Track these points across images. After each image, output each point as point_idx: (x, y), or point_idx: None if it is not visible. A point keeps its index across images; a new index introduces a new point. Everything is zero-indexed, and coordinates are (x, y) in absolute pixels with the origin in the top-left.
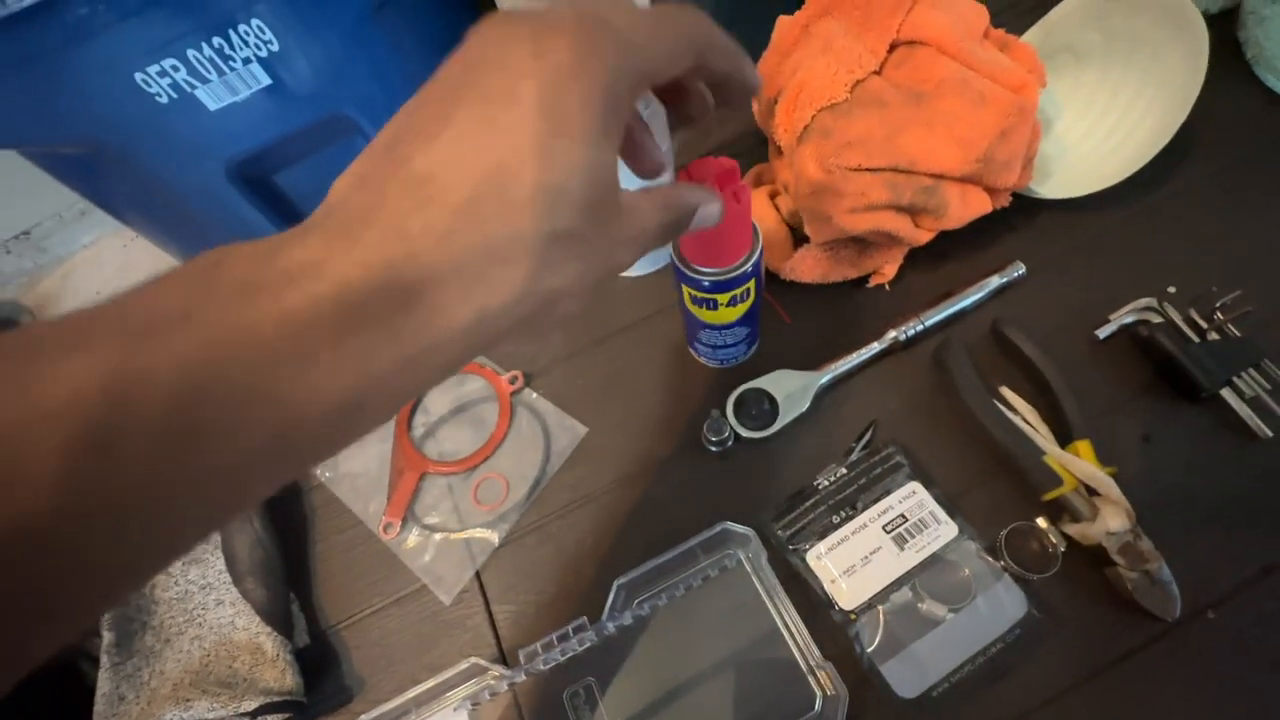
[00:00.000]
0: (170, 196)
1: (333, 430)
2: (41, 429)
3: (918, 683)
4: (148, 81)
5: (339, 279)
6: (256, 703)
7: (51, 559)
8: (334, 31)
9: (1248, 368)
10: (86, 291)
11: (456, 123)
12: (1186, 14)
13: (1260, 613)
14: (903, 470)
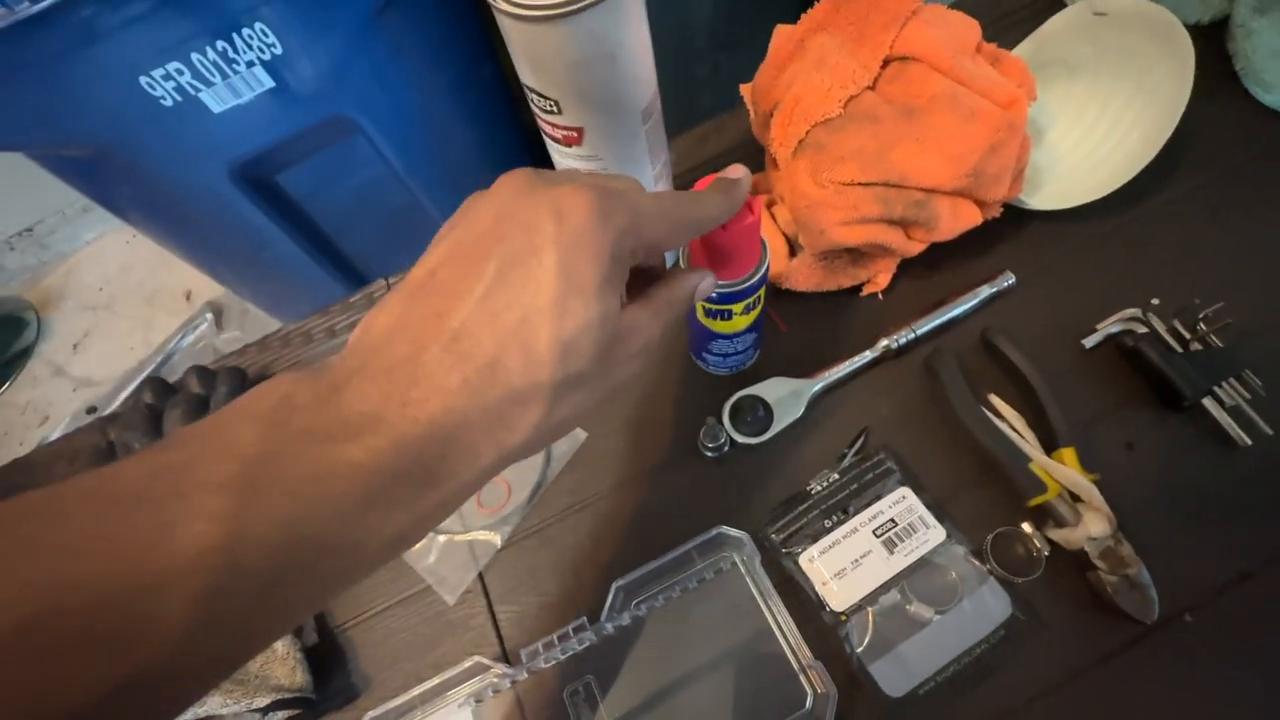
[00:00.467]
0: (174, 198)
1: (381, 560)
2: (174, 585)
3: (905, 682)
4: (152, 85)
5: (396, 435)
6: (268, 699)
7: (164, 694)
8: (336, 35)
9: (1229, 378)
10: (89, 287)
11: (486, 281)
12: (1174, 30)
13: (1236, 617)
14: (893, 476)
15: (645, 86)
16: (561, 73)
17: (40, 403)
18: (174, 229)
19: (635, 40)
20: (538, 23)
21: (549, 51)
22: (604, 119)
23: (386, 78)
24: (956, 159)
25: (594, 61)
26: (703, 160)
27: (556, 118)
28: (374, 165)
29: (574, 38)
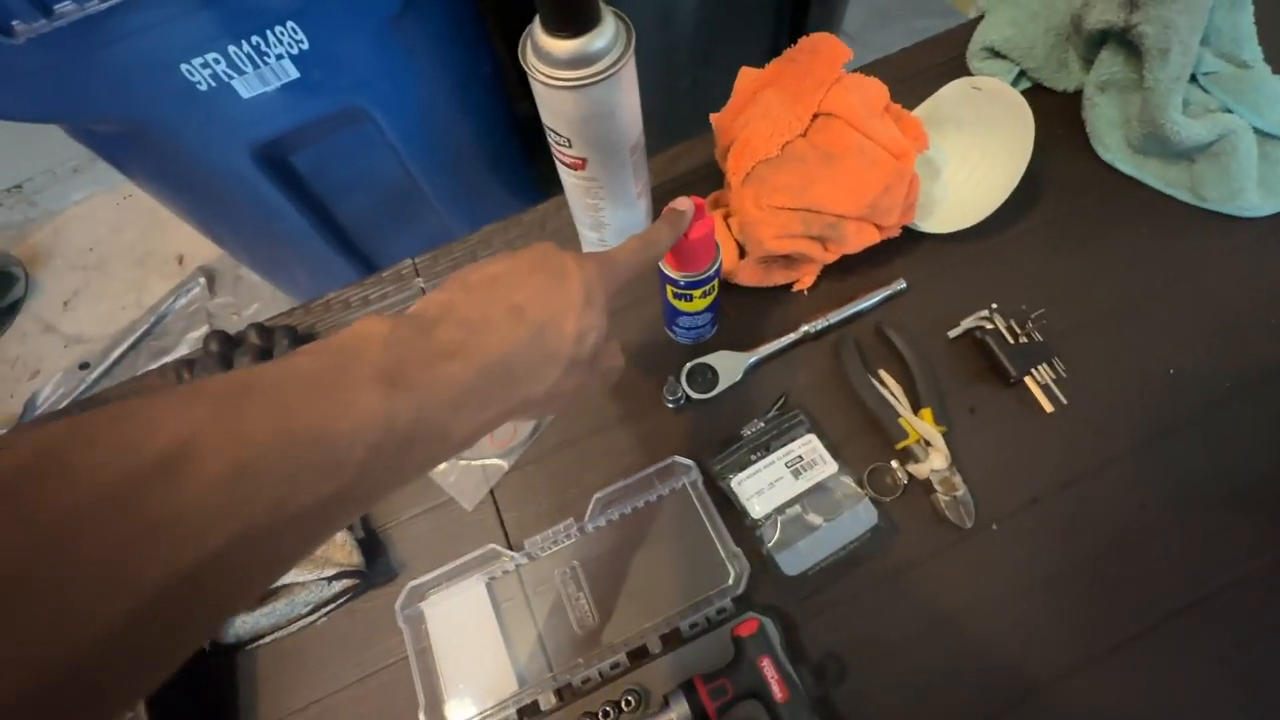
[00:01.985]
0: (199, 173)
1: (456, 450)
2: (358, 437)
3: (799, 565)
4: (191, 72)
5: (478, 361)
6: (334, 570)
7: (335, 517)
8: (357, 35)
9: (1042, 363)
10: (79, 246)
11: (535, 285)
12: (1021, 107)
13: (1025, 528)
14: (803, 426)
15: (633, 131)
16: (573, 121)
17: (30, 357)
18: (194, 200)
19: (627, 103)
20: (559, 89)
21: (566, 108)
22: (601, 153)
23: (398, 74)
24: (859, 195)
25: (596, 117)
26: (676, 175)
27: (568, 150)
28: (380, 151)
29: (583, 101)
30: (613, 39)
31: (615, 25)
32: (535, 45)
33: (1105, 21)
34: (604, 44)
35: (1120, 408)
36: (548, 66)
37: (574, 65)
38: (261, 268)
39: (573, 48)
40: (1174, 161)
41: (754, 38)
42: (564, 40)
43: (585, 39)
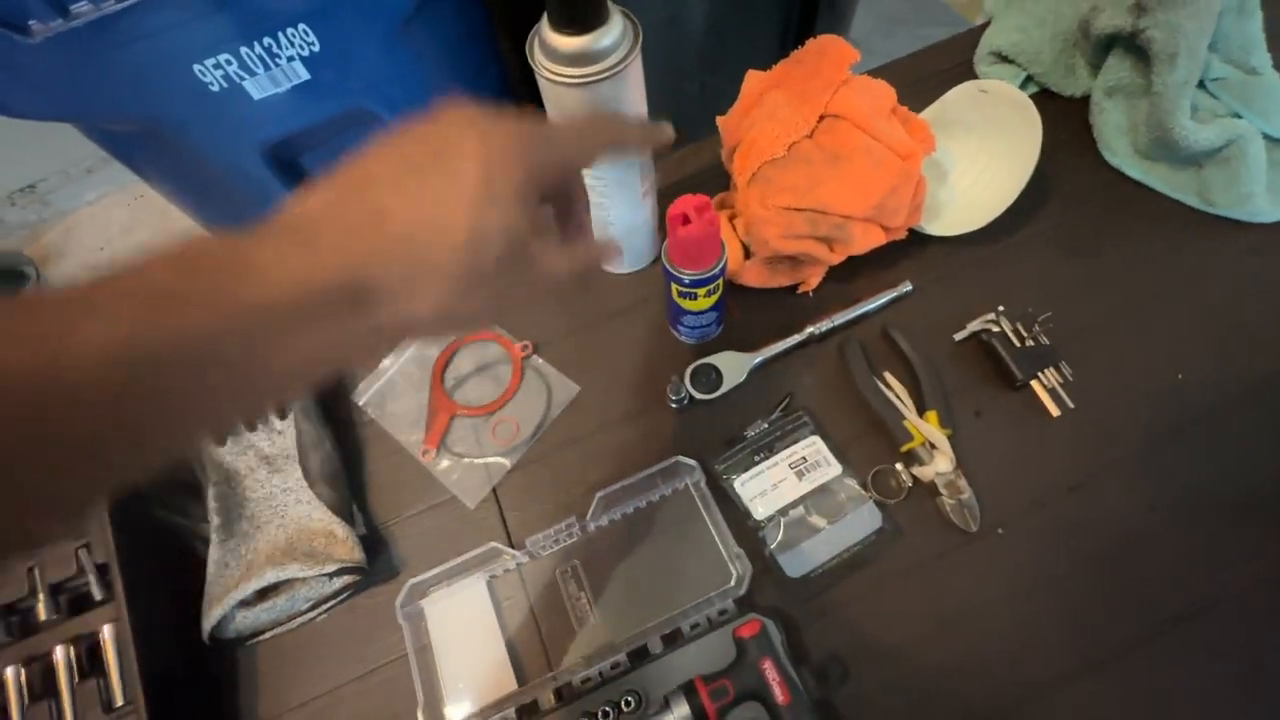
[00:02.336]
0: (210, 173)
1: (296, 376)
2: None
3: (802, 567)
4: (204, 72)
5: (296, 280)
6: (335, 566)
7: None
8: (368, 39)
9: (1049, 367)
10: (90, 246)
11: (419, 181)
12: (1029, 109)
13: (1030, 531)
14: (807, 427)
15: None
16: None
17: None
18: (204, 198)
19: (633, 100)
20: (566, 86)
21: (573, 104)
22: None
23: (407, 76)
24: (866, 196)
25: (619, 107)
26: (684, 177)
27: None
28: None
29: (590, 98)
30: (620, 36)
31: (623, 23)
32: (543, 42)
33: (1113, 26)
34: (611, 41)
35: (1127, 412)
36: (555, 63)
37: (581, 62)
38: None
39: (580, 44)
40: (1182, 167)
41: (762, 44)
42: (572, 37)
43: (593, 36)
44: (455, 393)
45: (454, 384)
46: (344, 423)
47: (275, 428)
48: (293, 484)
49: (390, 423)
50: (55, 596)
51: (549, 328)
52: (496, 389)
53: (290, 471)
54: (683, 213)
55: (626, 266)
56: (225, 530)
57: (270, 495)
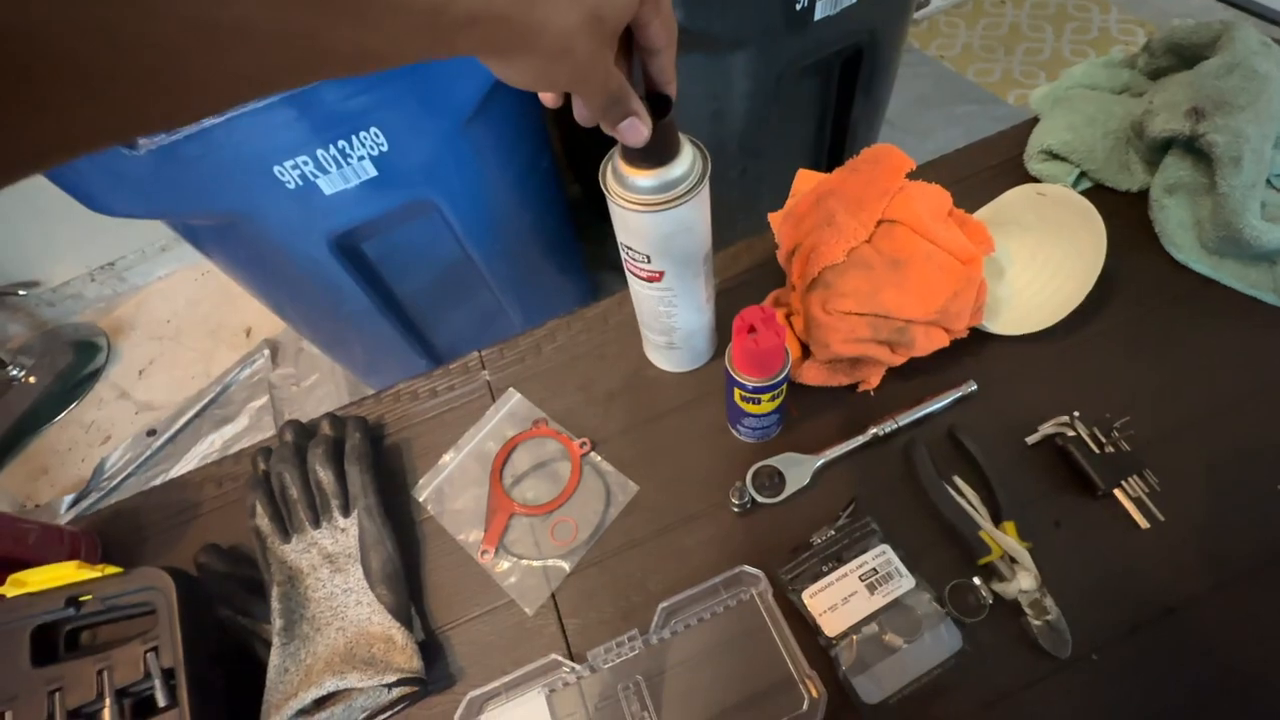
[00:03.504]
0: (281, 261)
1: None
2: None
3: (879, 693)
4: (282, 172)
5: None
6: (394, 677)
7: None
8: (432, 138)
9: (1132, 474)
10: (158, 318)
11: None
12: (1090, 213)
13: (1128, 657)
14: (876, 535)
15: (706, 244)
16: (654, 240)
17: (104, 423)
18: (270, 282)
19: (702, 219)
20: (643, 213)
21: (648, 228)
22: (678, 266)
23: (466, 170)
24: (928, 300)
25: (677, 234)
26: (738, 272)
27: (645, 265)
28: (444, 237)
29: (666, 222)
30: (690, 166)
31: (693, 153)
32: (616, 172)
33: (1170, 130)
34: (682, 172)
35: (1226, 526)
36: (629, 191)
37: (657, 191)
38: (323, 343)
39: (656, 175)
40: (1254, 263)
41: (800, 132)
42: (647, 170)
43: (667, 168)
44: (513, 490)
45: (512, 481)
46: (404, 520)
47: (339, 525)
48: (354, 584)
49: (449, 520)
50: (120, 701)
51: (607, 425)
52: (555, 487)
53: (352, 571)
54: (750, 324)
55: (687, 365)
56: (287, 633)
57: (331, 595)
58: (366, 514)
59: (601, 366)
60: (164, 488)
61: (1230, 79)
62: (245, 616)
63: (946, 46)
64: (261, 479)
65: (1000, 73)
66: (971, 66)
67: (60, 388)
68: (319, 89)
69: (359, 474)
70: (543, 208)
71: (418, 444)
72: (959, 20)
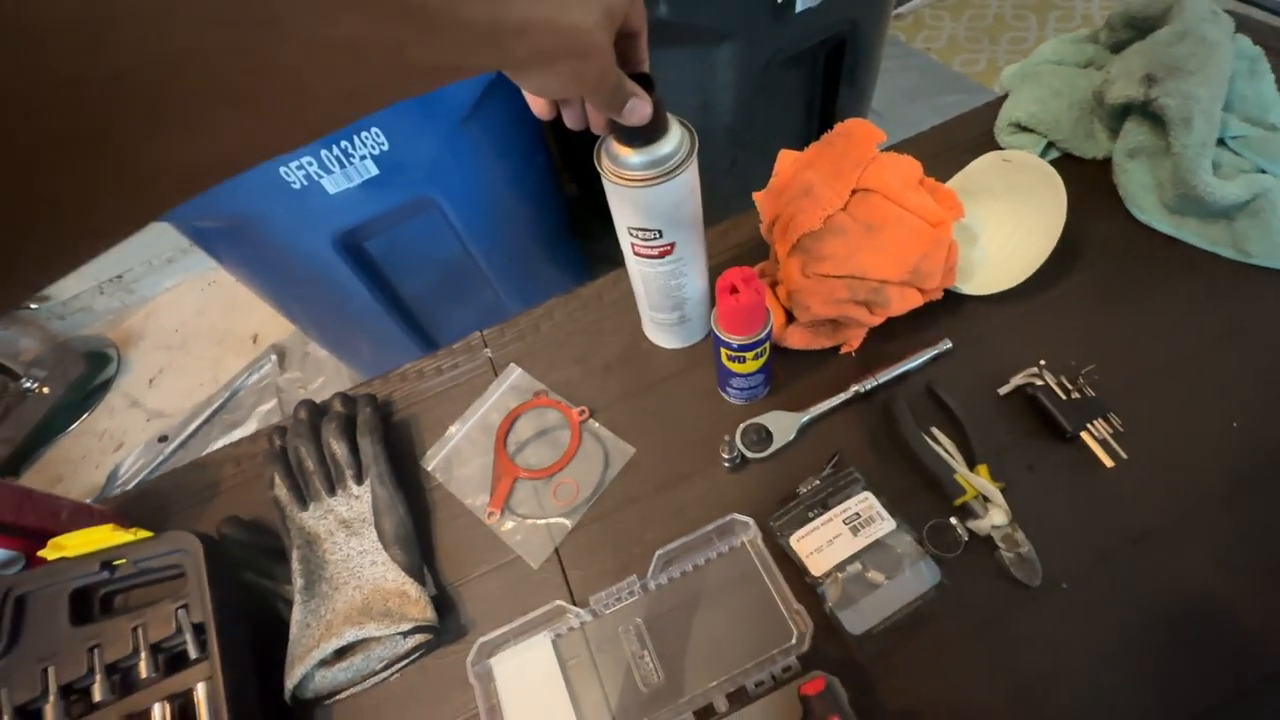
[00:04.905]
0: (285, 259)
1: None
2: None
3: (862, 624)
4: (288, 173)
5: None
6: (409, 625)
7: None
8: (431, 137)
9: (1097, 418)
10: (166, 328)
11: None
12: (1052, 176)
13: (1097, 584)
14: (859, 483)
15: (700, 207)
16: (664, 212)
17: (116, 430)
18: (277, 282)
19: (690, 194)
20: (654, 185)
21: (658, 201)
22: (687, 232)
23: (465, 168)
24: (900, 261)
25: (683, 200)
26: (727, 248)
27: (657, 241)
28: (444, 235)
29: (675, 190)
30: (678, 144)
31: (680, 131)
32: (609, 151)
33: (1126, 96)
34: (671, 149)
35: (1186, 462)
36: (621, 168)
37: (645, 168)
38: (329, 342)
39: (644, 154)
40: (1213, 220)
41: (788, 122)
42: (649, 146)
43: (655, 145)
44: (517, 457)
45: (516, 449)
46: (414, 488)
47: (353, 493)
48: (369, 547)
49: (457, 487)
50: (155, 655)
51: (604, 394)
52: (555, 453)
53: (366, 535)
54: (731, 283)
55: (681, 341)
56: (307, 592)
57: (348, 558)
58: (379, 481)
59: (598, 341)
60: (185, 469)
61: (1181, 46)
62: (267, 579)
63: (932, 38)
64: (279, 453)
65: (985, 63)
66: (957, 57)
67: (73, 398)
68: None
69: (370, 445)
70: (540, 203)
71: (425, 418)
72: (944, 13)
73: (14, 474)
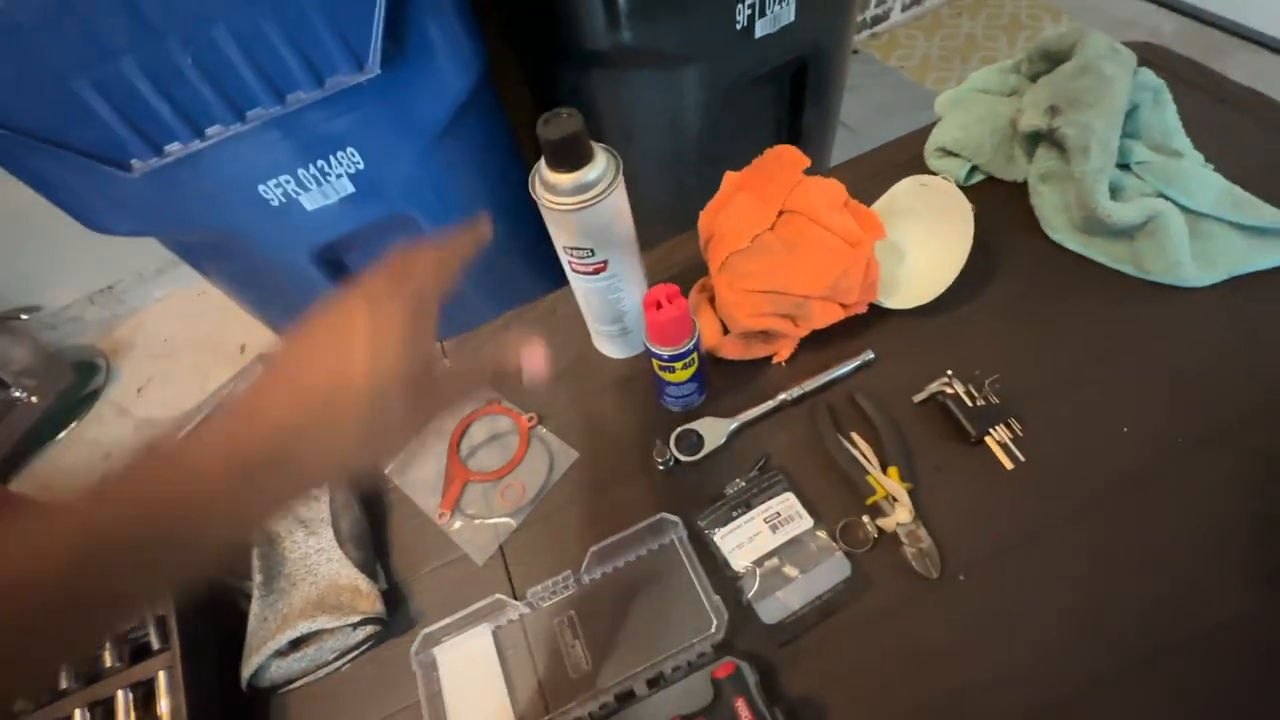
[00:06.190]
0: (266, 273)
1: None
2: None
3: (777, 614)
4: (266, 191)
5: (233, 449)
6: (358, 618)
7: None
8: (406, 155)
9: (999, 423)
10: (155, 338)
11: (321, 362)
12: (960, 199)
13: (992, 577)
14: (782, 485)
15: (632, 227)
16: (594, 232)
17: (105, 440)
18: (259, 295)
19: (619, 217)
20: (562, 213)
21: (587, 223)
22: (619, 251)
23: (439, 184)
24: (820, 278)
25: (613, 221)
26: (672, 264)
27: (590, 259)
28: None
29: (603, 212)
30: (603, 170)
31: (606, 158)
32: (542, 178)
33: (1033, 126)
34: (596, 175)
35: (1078, 463)
36: (552, 194)
37: (574, 193)
38: None
39: (571, 179)
40: (1116, 239)
41: (755, 140)
42: (564, 174)
43: (581, 172)
44: (469, 460)
45: (468, 452)
46: (372, 491)
47: (312, 494)
48: (325, 544)
49: (412, 488)
50: (119, 646)
51: (553, 402)
52: (505, 456)
53: (324, 534)
54: (656, 299)
55: (626, 351)
56: (265, 587)
57: (305, 555)
58: (336, 484)
59: (549, 351)
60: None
61: (1082, 80)
62: (229, 576)
63: (906, 57)
64: None
65: (957, 80)
66: (930, 75)
67: (62, 407)
68: (293, 117)
69: None
70: (516, 217)
71: None
72: (917, 32)
73: (3, 482)
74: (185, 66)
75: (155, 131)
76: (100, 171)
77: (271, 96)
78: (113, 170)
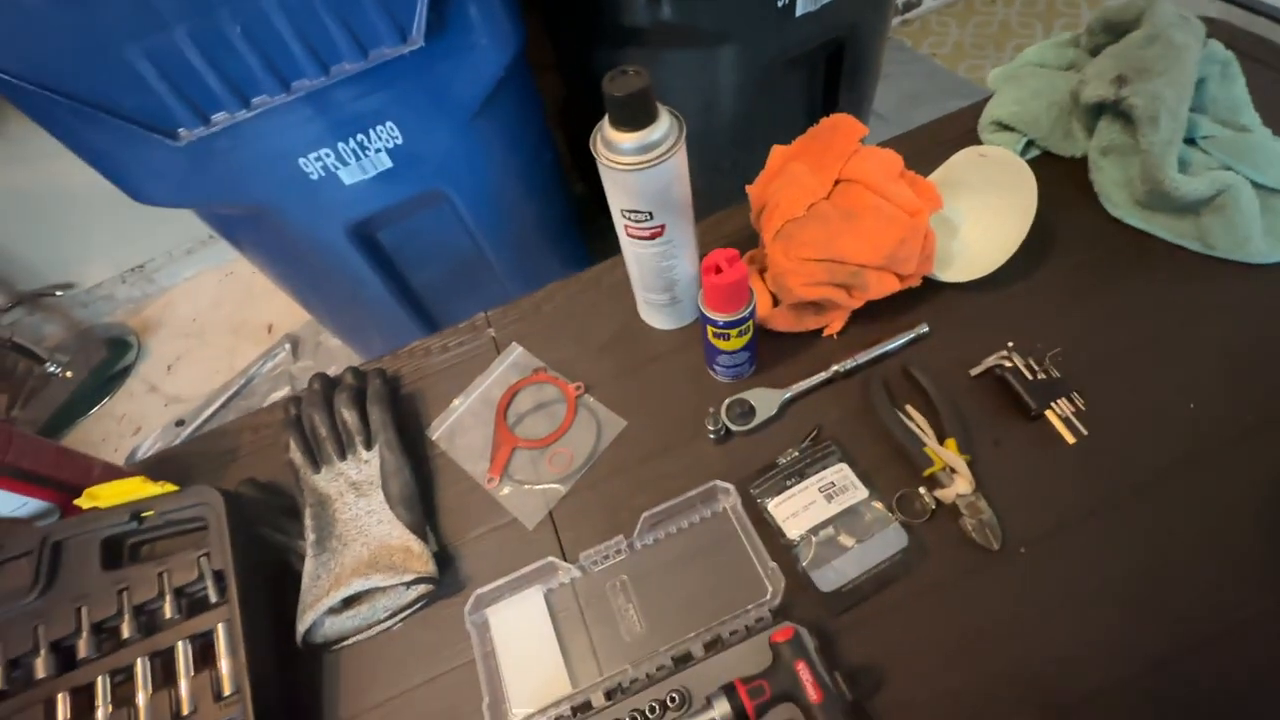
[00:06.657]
0: (302, 247)
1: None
2: None
3: (833, 583)
4: (306, 164)
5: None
6: (412, 576)
7: None
8: (443, 131)
9: (1060, 397)
10: (184, 317)
11: None
12: (1024, 170)
13: (1053, 551)
14: (835, 455)
15: (689, 194)
16: (652, 195)
17: (135, 415)
18: (294, 270)
19: (679, 179)
20: (624, 172)
21: (647, 185)
22: (675, 216)
23: (474, 162)
24: (877, 247)
25: (671, 185)
26: (719, 237)
27: (647, 223)
28: (454, 227)
29: (663, 174)
30: (667, 130)
31: (669, 119)
32: (604, 137)
33: (1098, 96)
34: (660, 135)
35: (1142, 440)
36: (614, 154)
37: (637, 153)
38: (342, 330)
39: (635, 139)
40: (1181, 215)
41: (787, 124)
42: (628, 133)
43: (645, 131)
44: (516, 428)
45: (515, 420)
46: (420, 455)
47: (362, 458)
48: (376, 507)
49: (459, 455)
50: (179, 599)
51: (599, 371)
52: (552, 424)
53: (374, 496)
54: (715, 264)
55: (674, 322)
56: (319, 546)
57: (356, 517)
58: (387, 447)
59: (595, 322)
60: (207, 436)
61: (1151, 49)
62: (281, 534)
63: (938, 45)
64: (294, 420)
65: (990, 69)
66: (962, 63)
67: (94, 382)
68: (335, 89)
69: (379, 413)
70: (547, 199)
71: (431, 392)
72: (950, 19)
73: None
74: (234, 36)
75: (203, 101)
76: (148, 140)
77: (316, 67)
78: (160, 139)
